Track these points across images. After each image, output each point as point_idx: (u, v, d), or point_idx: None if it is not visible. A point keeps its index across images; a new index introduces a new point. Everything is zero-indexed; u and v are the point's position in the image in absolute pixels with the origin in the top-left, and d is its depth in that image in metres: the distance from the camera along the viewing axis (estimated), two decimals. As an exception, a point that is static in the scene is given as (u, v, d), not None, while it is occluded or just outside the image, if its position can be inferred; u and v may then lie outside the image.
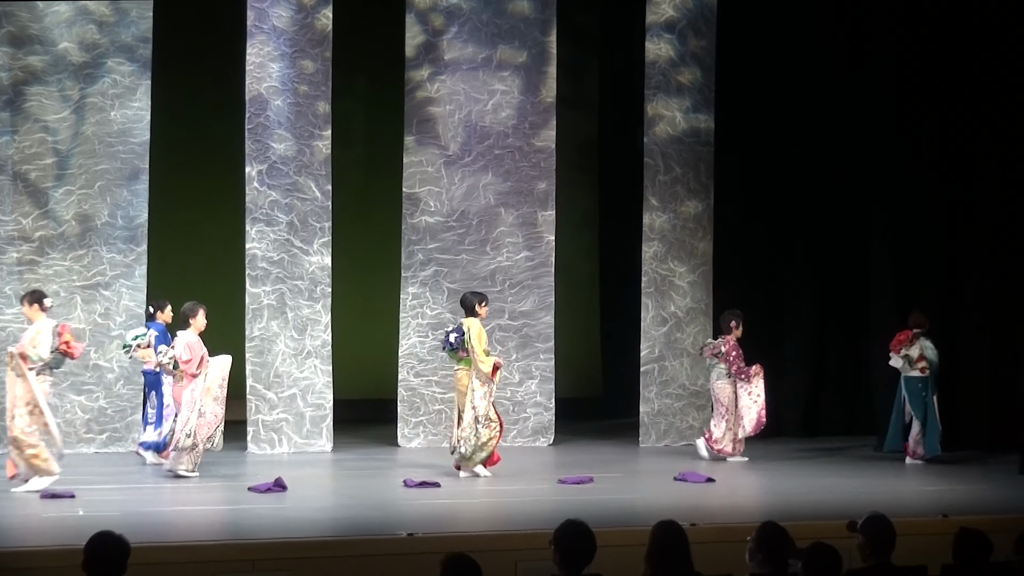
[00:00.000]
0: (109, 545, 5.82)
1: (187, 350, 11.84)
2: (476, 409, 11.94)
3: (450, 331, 12.28)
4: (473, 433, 11.93)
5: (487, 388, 12.00)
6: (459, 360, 12.17)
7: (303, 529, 9.43)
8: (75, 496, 10.52)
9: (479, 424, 11.94)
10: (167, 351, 12.00)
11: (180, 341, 11.96)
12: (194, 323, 12.05)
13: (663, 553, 5.95)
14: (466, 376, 12.05)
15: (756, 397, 13.46)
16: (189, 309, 12.15)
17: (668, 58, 14.94)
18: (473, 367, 11.97)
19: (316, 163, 14.16)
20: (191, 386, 11.79)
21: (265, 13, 14.06)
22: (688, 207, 15.00)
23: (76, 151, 13.90)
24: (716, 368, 13.67)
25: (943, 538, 7.26)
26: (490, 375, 11.95)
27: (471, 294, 12.53)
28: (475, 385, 11.97)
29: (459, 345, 12.06)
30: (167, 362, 11.97)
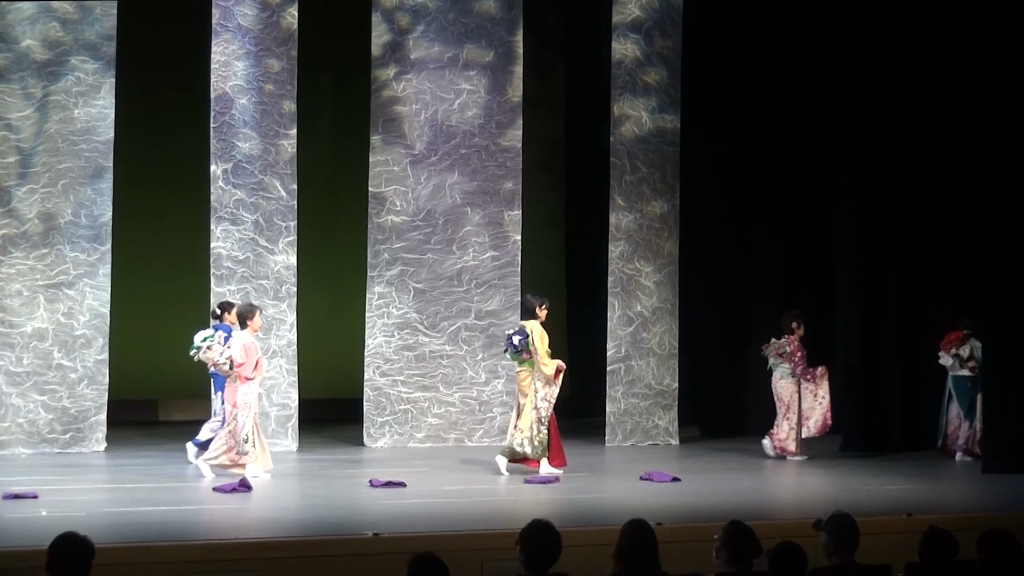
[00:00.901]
0: (73, 546, 5.79)
1: (243, 352, 11.82)
2: (539, 410, 12.10)
3: (512, 333, 12.32)
4: (537, 433, 12.08)
5: (549, 390, 12.13)
6: (521, 362, 12.27)
7: (268, 529, 9.41)
8: (38, 497, 10.44)
9: (541, 424, 12.11)
10: (223, 352, 11.94)
11: (236, 342, 11.90)
12: (251, 324, 12.00)
13: (632, 551, 5.97)
14: (529, 377, 12.17)
15: (821, 399, 13.57)
16: (246, 310, 12.11)
17: (634, 58, 14.97)
18: (536, 369, 12.10)
19: (282, 162, 14.12)
20: (245, 388, 11.80)
21: (230, 11, 14.01)
22: (654, 207, 15.03)
23: (39, 149, 13.80)
24: (780, 368, 13.76)
25: (907, 537, 7.31)
26: (553, 377, 12.09)
27: (532, 296, 12.62)
28: (537, 386, 12.12)
29: (522, 347, 12.17)
30: (223, 363, 11.91)
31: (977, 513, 9.92)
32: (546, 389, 12.12)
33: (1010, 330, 12.49)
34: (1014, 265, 12.52)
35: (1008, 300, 12.52)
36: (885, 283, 14.60)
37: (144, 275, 16.08)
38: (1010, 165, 12.55)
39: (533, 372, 12.13)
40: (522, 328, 12.28)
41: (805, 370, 13.62)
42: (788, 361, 13.67)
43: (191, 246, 15.21)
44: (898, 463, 13.33)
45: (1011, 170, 12.54)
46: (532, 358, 12.13)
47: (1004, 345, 12.52)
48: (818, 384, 13.60)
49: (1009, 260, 12.53)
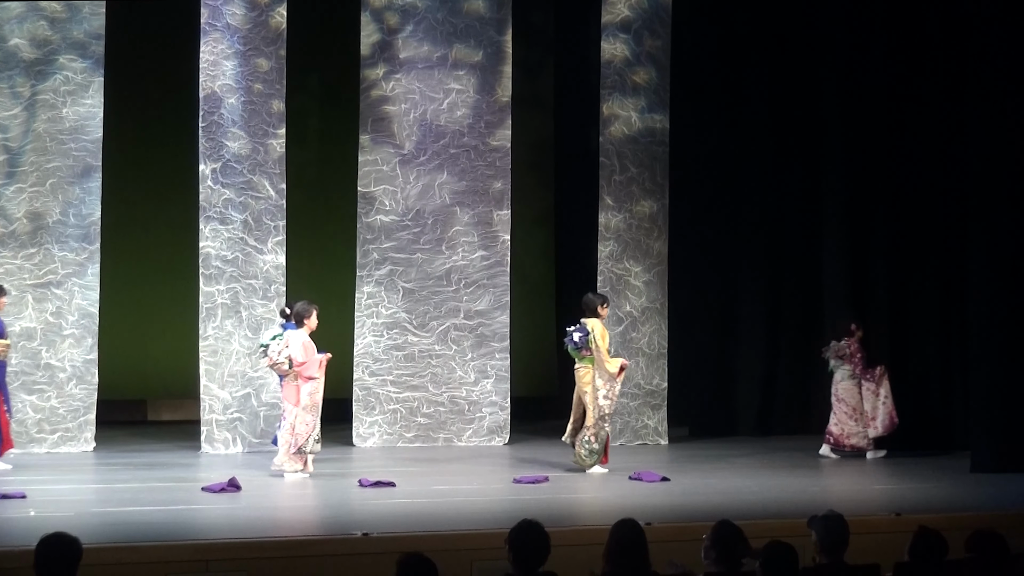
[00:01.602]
0: (61, 546, 5.77)
1: (303, 351, 11.81)
2: (601, 408, 12.26)
3: (573, 331, 12.38)
4: (601, 430, 12.28)
5: (611, 387, 12.27)
6: (581, 359, 12.37)
7: (257, 529, 9.39)
8: (26, 496, 10.42)
9: (604, 422, 12.30)
10: (283, 351, 11.90)
11: (295, 341, 11.87)
12: (307, 323, 11.97)
13: (622, 551, 5.97)
14: (588, 374, 12.29)
15: (884, 399, 13.60)
16: (303, 309, 12.05)
17: (623, 58, 14.97)
18: (597, 366, 12.23)
19: (270, 161, 14.11)
20: (310, 388, 11.82)
21: (219, 11, 13.99)
22: (643, 207, 15.04)
23: (27, 148, 13.78)
24: (840, 369, 13.80)
25: (896, 536, 7.31)
26: (615, 374, 12.24)
27: (593, 295, 12.73)
28: (598, 384, 12.25)
29: (583, 344, 12.28)
30: (282, 362, 11.89)
31: (966, 513, 9.93)
32: (607, 387, 12.28)
33: (998, 328, 12.50)
34: (1002, 261, 12.54)
35: (996, 297, 12.54)
36: (873, 282, 14.62)
37: (132, 274, 16.05)
38: (998, 159, 12.56)
39: (593, 369, 12.25)
40: (583, 325, 12.36)
41: (865, 370, 13.69)
42: (848, 363, 13.74)
43: (180, 245, 15.19)
44: (887, 463, 13.35)
45: (1000, 164, 12.56)
46: (592, 355, 12.24)
47: (992, 343, 12.53)
48: (879, 384, 13.67)
49: (998, 256, 12.55)
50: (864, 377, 13.71)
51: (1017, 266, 12.53)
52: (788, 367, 15.99)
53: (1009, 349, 12.47)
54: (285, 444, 11.86)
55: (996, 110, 12.56)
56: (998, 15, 12.54)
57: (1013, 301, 12.51)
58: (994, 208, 12.61)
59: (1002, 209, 12.57)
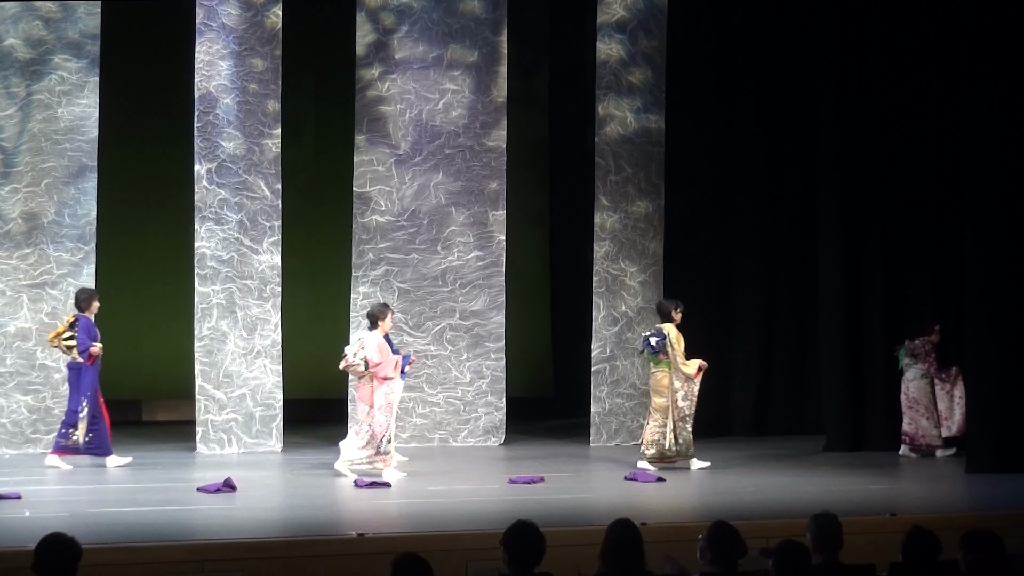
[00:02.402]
0: (59, 547, 5.77)
1: (378, 352, 11.87)
2: (681, 409, 12.60)
3: (649, 335, 12.76)
4: (682, 431, 12.59)
5: (689, 388, 12.62)
6: (658, 363, 12.71)
7: (253, 529, 9.39)
8: (21, 497, 10.41)
9: (685, 423, 12.60)
10: (359, 352, 11.94)
11: (370, 343, 11.92)
12: (381, 325, 12.05)
13: (618, 551, 5.97)
14: (666, 377, 12.65)
15: (959, 399, 13.66)
16: (378, 311, 12.16)
17: (619, 58, 14.98)
18: (674, 369, 12.60)
19: (266, 162, 14.10)
20: (386, 388, 11.90)
21: (214, 11, 13.98)
22: (639, 207, 15.05)
23: (23, 148, 13.77)
24: (913, 368, 13.87)
25: (891, 536, 7.32)
26: (693, 375, 12.62)
27: (666, 300, 13.07)
28: (676, 386, 12.63)
29: (660, 348, 12.64)
30: (357, 363, 11.93)
31: (961, 513, 9.94)
32: (685, 388, 12.64)
33: (993, 328, 12.51)
34: (998, 262, 12.54)
35: (991, 298, 12.54)
36: (869, 281, 14.62)
37: (128, 275, 16.04)
38: (995, 159, 12.57)
39: (670, 372, 12.61)
40: (659, 330, 12.72)
41: (939, 370, 13.74)
42: (923, 362, 13.78)
43: (175, 246, 15.17)
44: (882, 463, 13.35)
45: (996, 164, 12.56)
46: (668, 359, 12.58)
47: (987, 344, 12.54)
48: (954, 384, 13.72)
49: (993, 257, 12.55)
50: (938, 377, 13.80)
51: (1013, 266, 12.54)
52: (783, 367, 15.99)
53: (1004, 349, 12.47)
54: (356, 445, 11.95)
55: (993, 109, 12.56)
56: (995, 14, 12.54)
57: (1009, 301, 12.52)
58: (990, 209, 12.61)
59: (998, 209, 12.57)
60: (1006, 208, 12.55)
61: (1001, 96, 12.53)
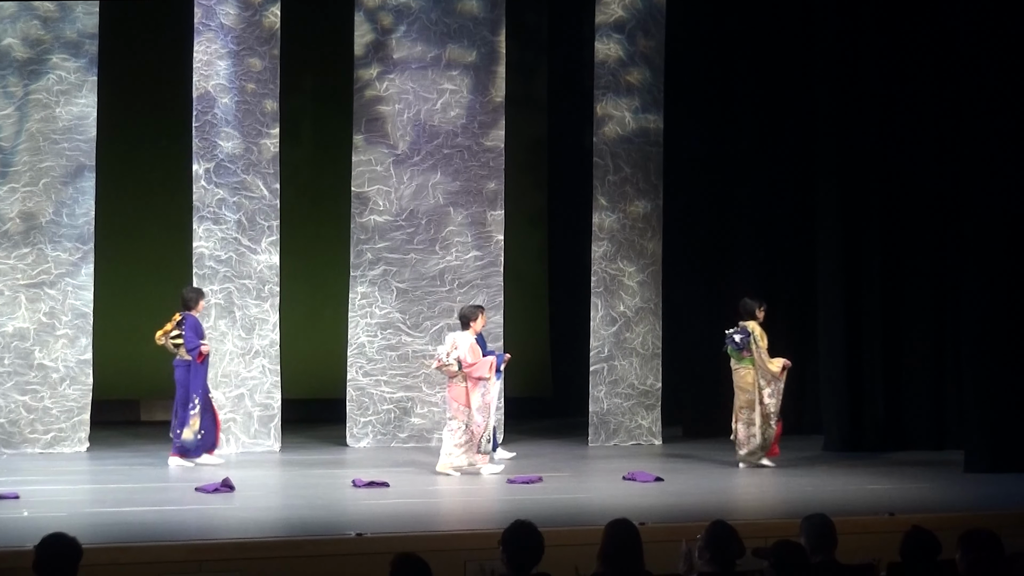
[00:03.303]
0: (61, 547, 5.76)
1: (471, 352, 12.02)
2: (766, 407, 12.74)
3: (734, 333, 12.87)
4: (768, 428, 12.75)
5: (775, 386, 12.75)
6: (741, 360, 12.86)
7: (251, 529, 9.39)
8: (19, 497, 10.41)
9: (769, 420, 12.75)
10: (451, 353, 12.07)
11: (463, 343, 12.08)
12: (473, 326, 12.24)
13: (616, 552, 5.97)
14: (749, 375, 12.82)
15: None
16: (470, 312, 12.37)
17: (617, 58, 14.97)
18: (759, 367, 12.75)
19: (264, 161, 14.10)
20: (481, 389, 12.05)
21: (212, 10, 13.97)
22: (637, 207, 15.04)
23: (20, 148, 13.76)
24: None
25: (890, 536, 7.32)
26: (778, 374, 12.74)
27: (750, 299, 13.12)
28: (761, 384, 12.77)
29: (744, 346, 12.80)
30: (451, 364, 12.05)
31: (959, 512, 9.93)
32: (771, 387, 12.77)
33: (991, 326, 12.51)
34: (996, 260, 12.54)
35: (990, 297, 12.54)
36: (867, 282, 14.63)
37: (126, 274, 16.03)
38: (992, 159, 12.57)
39: (754, 369, 12.76)
40: (744, 328, 12.85)
41: None
42: None
43: (173, 245, 15.16)
44: (880, 462, 13.35)
45: (993, 164, 12.56)
46: (752, 356, 12.74)
47: (985, 342, 12.54)
48: None
49: (992, 257, 12.55)
50: None
51: (1011, 265, 12.55)
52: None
53: (1002, 348, 12.48)
54: (453, 443, 12.07)
55: (990, 107, 12.56)
56: (992, 13, 12.54)
57: (1006, 300, 12.53)
58: (988, 207, 12.62)
59: (996, 207, 12.58)
60: (1005, 208, 12.55)
61: (1000, 93, 12.53)
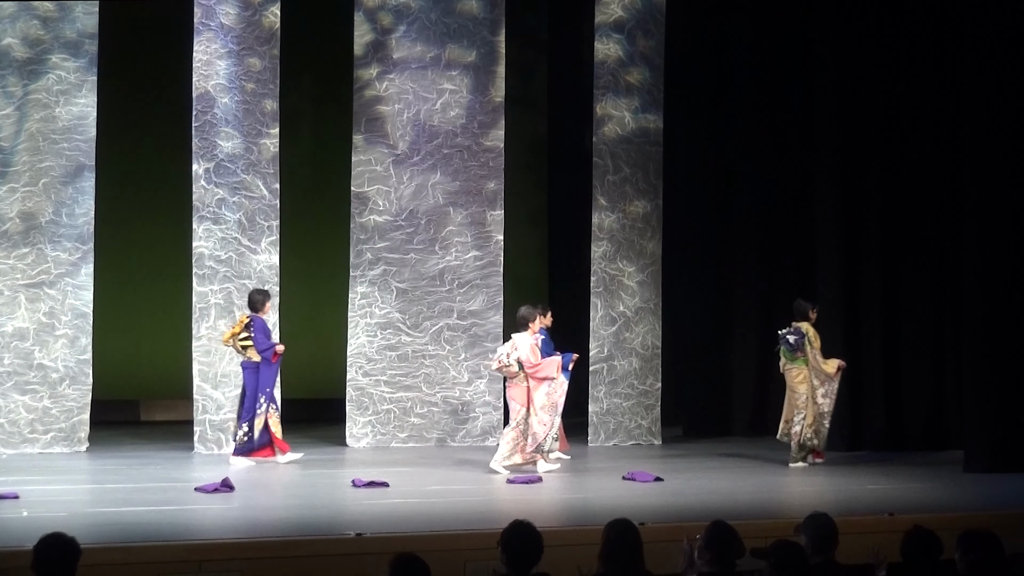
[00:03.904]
0: (59, 547, 5.75)
1: (532, 353, 12.15)
2: (820, 406, 12.94)
3: (787, 333, 13.07)
4: (821, 427, 12.95)
5: (830, 386, 12.95)
6: (794, 360, 13.06)
7: (251, 529, 9.38)
8: (19, 497, 10.40)
9: (824, 419, 12.95)
10: (511, 354, 12.18)
11: (523, 345, 12.20)
12: (531, 327, 12.35)
13: (617, 552, 5.96)
14: (802, 374, 13.01)
15: None
16: (528, 313, 12.47)
17: (617, 58, 14.97)
18: (812, 367, 12.93)
19: (264, 161, 14.09)
20: (546, 389, 12.16)
21: (212, 10, 13.97)
22: (637, 207, 15.04)
23: (20, 148, 13.76)
24: None
25: (890, 536, 7.31)
26: (832, 374, 12.94)
27: (803, 300, 13.31)
28: (815, 384, 12.95)
29: (798, 347, 13.00)
30: (511, 364, 12.17)
31: (959, 513, 9.93)
32: (826, 386, 12.94)
33: (991, 327, 12.50)
34: (996, 261, 12.53)
35: (989, 297, 12.53)
36: (867, 282, 14.63)
37: (126, 274, 16.04)
38: (992, 158, 12.56)
39: (808, 369, 12.93)
40: (798, 328, 13.04)
41: None
42: None
43: (173, 245, 15.17)
44: (880, 462, 13.35)
45: (994, 163, 12.56)
46: (804, 356, 12.92)
47: (985, 342, 12.53)
48: None
49: (991, 257, 12.55)
50: None
51: (1011, 266, 12.54)
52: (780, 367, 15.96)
53: (1002, 349, 12.47)
54: (511, 443, 12.18)
55: (991, 108, 12.56)
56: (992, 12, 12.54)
57: (1006, 300, 12.52)
58: (988, 207, 12.61)
59: (996, 208, 12.57)
60: (1006, 209, 12.54)
61: (1000, 93, 12.52)
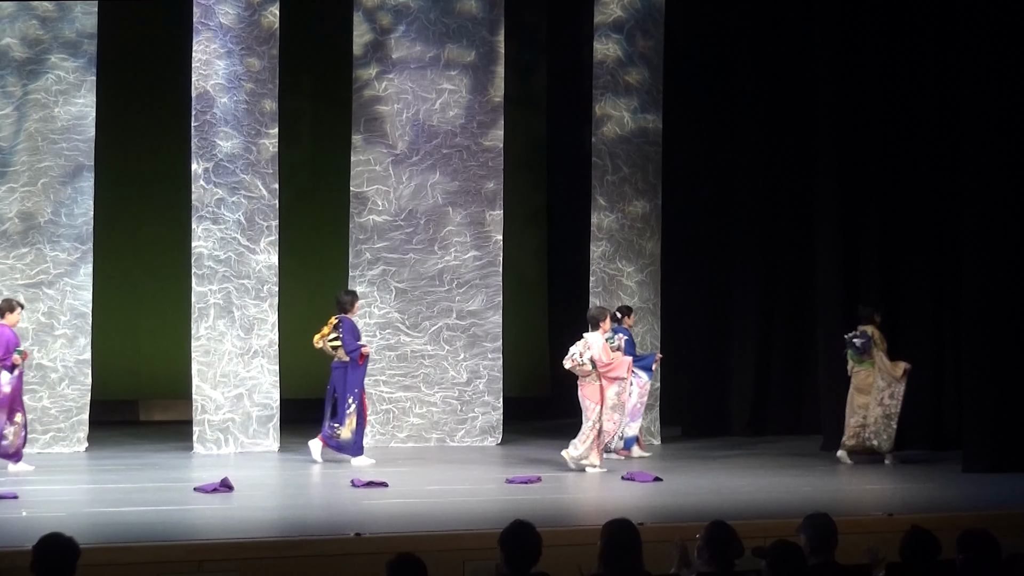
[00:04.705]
0: (58, 547, 5.75)
1: (604, 352, 12.28)
2: (888, 407, 13.16)
3: (854, 336, 13.33)
4: (886, 428, 13.17)
5: (897, 387, 13.15)
6: (861, 362, 13.33)
7: (250, 529, 9.38)
8: (18, 497, 10.40)
9: (891, 420, 13.15)
10: (585, 353, 12.27)
11: (595, 344, 12.33)
12: (603, 326, 12.49)
13: (616, 552, 5.96)
14: (870, 376, 13.26)
15: None
16: (598, 313, 12.66)
17: (616, 58, 14.97)
18: (879, 368, 13.18)
19: (263, 161, 14.09)
20: (616, 388, 12.36)
21: (211, 10, 13.97)
22: (636, 207, 15.04)
23: (19, 148, 13.76)
24: None
25: (889, 537, 7.31)
26: (899, 376, 13.15)
27: (865, 306, 13.55)
28: (881, 385, 13.19)
29: (865, 349, 13.26)
30: (584, 363, 12.26)
31: (958, 513, 9.93)
32: (893, 388, 13.14)
33: (990, 327, 12.50)
34: (996, 260, 12.53)
35: (988, 296, 12.53)
36: (867, 281, 14.63)
37: (125, 274, 16.03)
38: (992, 156, 12.56)
39: (874, 371, 13.18)
40: (864, 331, 13.27)
41: None
42: None
43: (172, 245, 15.17)
44: (880, 462, 13.33)
45: (993, 163, 12.55)
46: (871, 359, 13.17)
47: (984, 343, 12.53)
48: None
49: (990, 257, 12.54)
50: None
51: (1010, 265, 12.54)
52: (781, 367, 15.99)
53: (1002, 348, 12.47)
54: (588, 442, 12.30)
55: (990, 107, 12.55)
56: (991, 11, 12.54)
57: (1006, 301, 12.52)
58: (987, 207, 12.61)
59: (995, 208, 12.57)
60: (1005, 209, 12.54)
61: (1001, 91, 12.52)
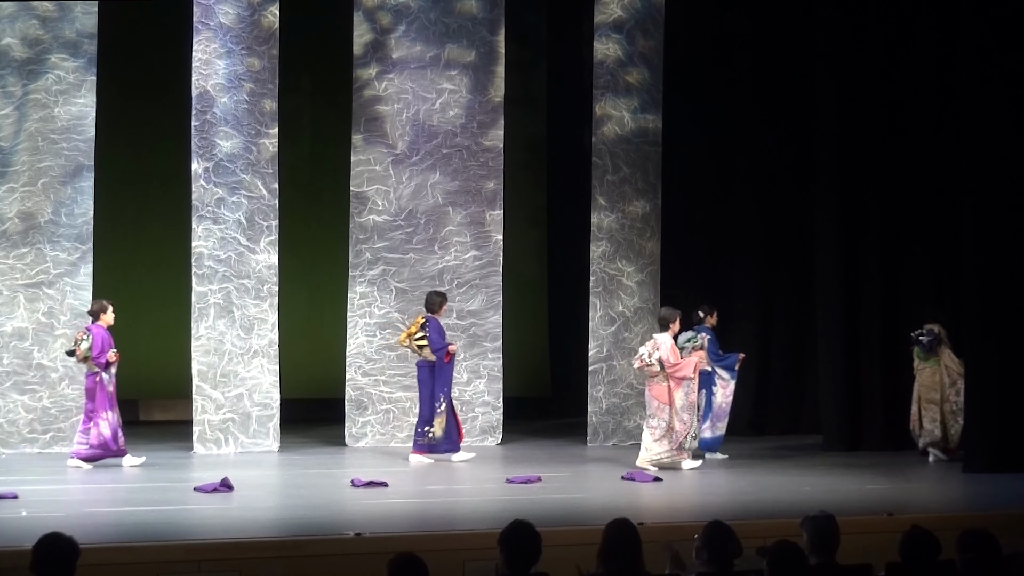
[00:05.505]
0: (58, 547, 5.76)
1: (672, 353, 12.34)
2: (954, 403, 13.33)
3: (920, 334, 13.52)
4: (954, 424, 13.34)
5: (960, 385, 13.24)
6: (927, 360, 13.53)
7: (250, 529, 9.38)
8: (18, 497, 10.40)
9: (958, 416, 13.27)
10: (654, 353, 12.35)
11: (664, 344, 12.40)
12: (672, 327, 12.58)
13: (616, 551, 5.96)
14: (936, 374, 13.48)
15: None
16: (668, 314, 12.71)
17: (616, 58, 14.98)
18: (946, 365, 13.39)
19: (263, 161, 14.09)
20: (685, 389, 12.42)
21: (211, 10, 13.97)
22: (636, 207, 15.04)
23: (19, 148, 13.77)
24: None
25: (888, 536, 7.32)
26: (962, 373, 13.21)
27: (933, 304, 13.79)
28: (947, 382, 13.40)
29: (931, 346, 13.47)
30: (652, 364, 12.34)
31: (958, 513, 9.93)
32: (958, 384, 13.26)
33: (991, 328, 12.50)
34: (996, 260, 12.53)
35: (989, 296, 12.53)
36: (867, 281, 14.63)
37: (125, 274, 16.02)
38: (992, 157, 12.55)
39: (941, 369, 13.39)
40: (930, 329, 13.49)
41: None
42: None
43: (172, 245, 15.17)
44: (879, 462, 13.34)
45: (994, 163, 12.55)
46: (938, 356, 13.39)
47: (985, 343, 12.53)
48: None
49: (991, 255, 12.54)
50: None
51: (1011, 266, 12.54)
52: (781, 367, 15.99)
53: (1002, 348, 12.46)
54: (658, 442, 12.38)
55: (990, 107, 12.55)
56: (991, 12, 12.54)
57: (1007, 300, 12.51)
58: (988, 207, 12.60)
59: (996, 208, 12.56)
60: (1006, 209, 12.53)
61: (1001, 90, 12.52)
